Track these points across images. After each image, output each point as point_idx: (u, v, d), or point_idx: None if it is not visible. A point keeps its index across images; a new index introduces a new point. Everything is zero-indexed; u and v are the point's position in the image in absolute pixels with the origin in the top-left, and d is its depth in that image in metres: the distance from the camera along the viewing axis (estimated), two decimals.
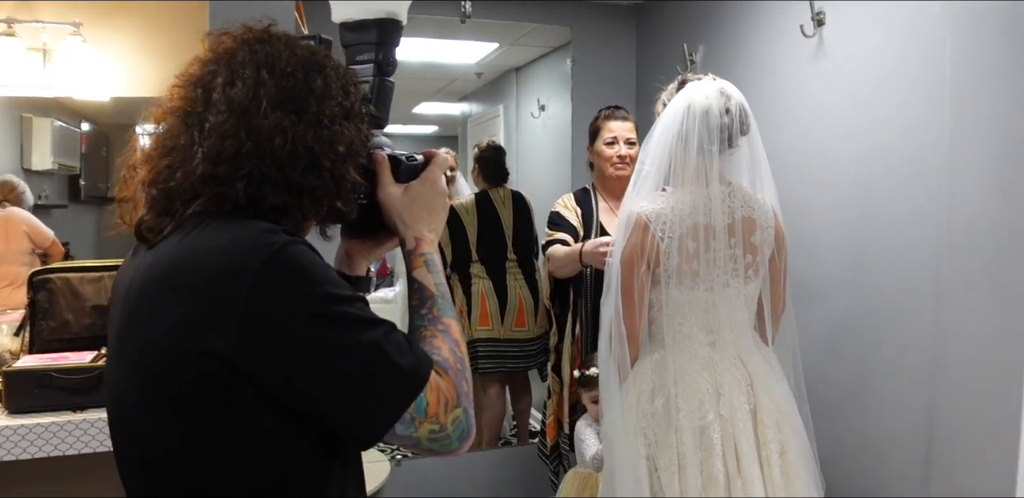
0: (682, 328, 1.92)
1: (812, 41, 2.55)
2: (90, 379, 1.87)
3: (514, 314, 3.44)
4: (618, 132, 2.69)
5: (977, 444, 2.00)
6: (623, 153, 2.66)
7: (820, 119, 2.55)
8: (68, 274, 2.10)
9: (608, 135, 2.70)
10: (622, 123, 2.71)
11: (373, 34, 1.09)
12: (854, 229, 2.41)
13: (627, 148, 2.67)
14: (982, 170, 1.98)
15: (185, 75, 0.96)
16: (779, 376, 1.98)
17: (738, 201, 1.93)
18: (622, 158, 2.66)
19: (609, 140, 2.69)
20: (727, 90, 1.91)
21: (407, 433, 0.88)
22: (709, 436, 1.85)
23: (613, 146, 2.68)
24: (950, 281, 2.07)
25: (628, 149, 2.67)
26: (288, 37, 0.97)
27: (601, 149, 2.71)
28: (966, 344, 2.02)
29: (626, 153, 2.66)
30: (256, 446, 0.88)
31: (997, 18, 1.93)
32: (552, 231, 2.72)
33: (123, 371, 0.92)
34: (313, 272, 0.86)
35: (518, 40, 3.86)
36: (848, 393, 2.43)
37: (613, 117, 2.73)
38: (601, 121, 2.75)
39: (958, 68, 2.04)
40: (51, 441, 1.77)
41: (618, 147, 2.68)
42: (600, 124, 2.74)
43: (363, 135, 0.99)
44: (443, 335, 0.99)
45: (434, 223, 1.09)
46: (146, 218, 0.94)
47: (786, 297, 2.05)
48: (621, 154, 2.67)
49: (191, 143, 0.91)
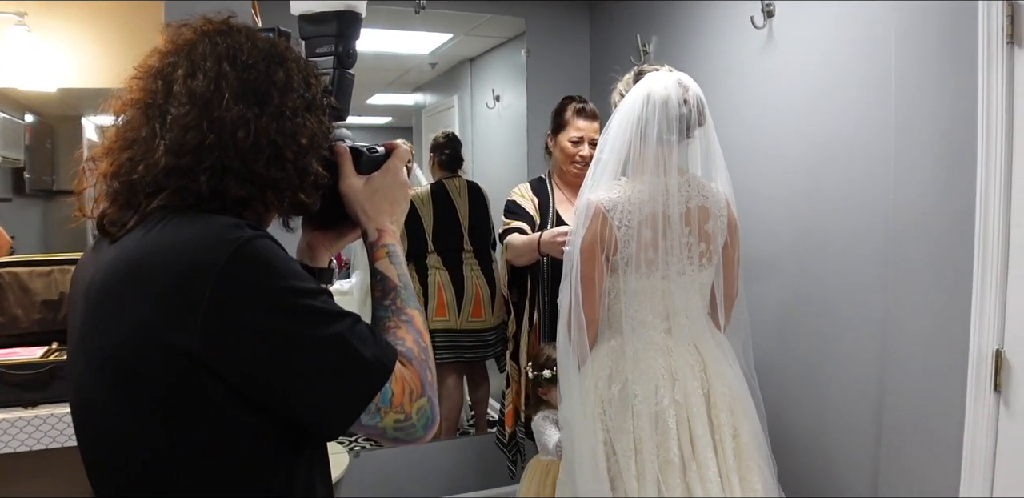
0: (638, 315, 1.95)
1: (762, 32, 2.59)
2: (41, 375, 1.84)
3: (471, 305, 3.44)
4: (585, 132, 2.69)
5: (924, 425, 2.06)
6: (586, 153, 2.66)
7: (770, 110, 2.60)
8: (17, 269, 2.06)
9: (575, 134, 2.69)
10: (590, 123, 2.70)
11: (333, 26, 1.09)
12: (803, 217, 2.47)
13: (590, 148, 2.66)
14: (925, 160, 2.04)
15: (144, 67, 0.95)
16: (731, 361, 2.02)
17: (693, 190, 1.96)
18: (583, 158, 2.67)
19: (575, 139, 2.69)
20: (684, 81, 1.94)
21: (372, 423, 0.89)
22: (665, 420, 1.89)
23: (578, 145, 2.69)
24: (896, 268, 2.13)
25: (591, 149, 2.65)
26: (248, 29, 0.97)
27: (565, 145, 2.71)
28: (913, 328, 2.09)
29: (588, 153, 2.65)
30: (224, 440, 0.88)
31: (940, 12, 1.98)
32: (509, 220, 2.73)
33: (87, 367, 0.91)
34: (277, 266, 0.86)
35: (472, 31, 3.85)
36: (798, 378, 2.49)
37: (583, 115, 2.71)
38: (571, 116, 2.72)
39: (903, 60, 2.10)
40: (1, 438, 1.74)
41: (582, 147, 2.68)
42: (568, 119, 2.72)
43: (325, 127, 0.99)
44: (407, 325, 1.00)
45: (396, 214, 1.10)
46: (108, 211, 0.93)
47: (738, 285, 2.09)
48: (583, 154, 2.67)
49: (153, 135, 0.90)
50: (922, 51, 2.04)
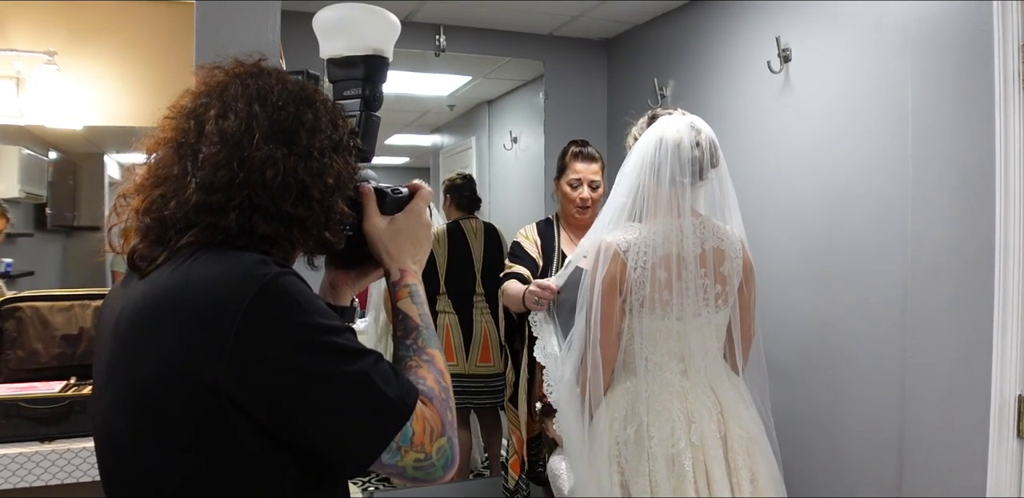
0: (654, 356, 1.95)
1: (779, 77, 2.63)
2: (59, 409, 1.84)
3: (479, 349, 3.41)
4: (583, 174, 2.68)
5: (946, 472, 2.03)
6: (585, 196, 2.67)
7: (787, 153, 2.62)
8: (38, 303, 2.08)
9: (573, 176, 2.69)
10: (587, 165, 2.69)
11: (360, 70, 1.11)
12: (820, 261, 2.46)
13: (590, 191, 2.67)
14: (943, 202, 2.04)
15: (177, 107, 0.97)
16: (748, 403, 2.00)
17: (708, 232, 1.97)
18: (583, 201, 2.67)
19: (574, 183, 2.69)
20: (697, 124, 1.96)
21: (393, 462, 0.89)
22: (681, 463, 1.87)
23: (577, 189, 2.68)
24: (916, 311, 2.12)
25: (591, 192, 2.67)
26: (279, 71, 1.00)
27: (565, 190, 2.71)
28: (932, 372, 2.07)
29: (588, 196, 2.67)
30: (247, 475, 0.88)
31: (957, 54, 2.00)
32: (511, 263, 2.73)
33: (114, 400, 0.92)
34: (303, 303, 0.87)
35: (491, 73, 3.92)
36: (816, 422, 2.46)
37: (580, 157, 2.71)
38: (569, 159, 2.73)
39: (919, 102, 2.11)
40: (18, 472, 1.74)
41: (582, 190, 2.68)
42: (567, 162, 2.73)
43: (351, 168, 1.01)
44: (428, 365, 1.01)
45: (418, 255, 1.12)
46: (139, 247, 0.95)
47: (754, 326, 2.08)
48: (583, 196, 2.67)
49: (184, 173, 0.92)
50: (938, 93, 2.05)
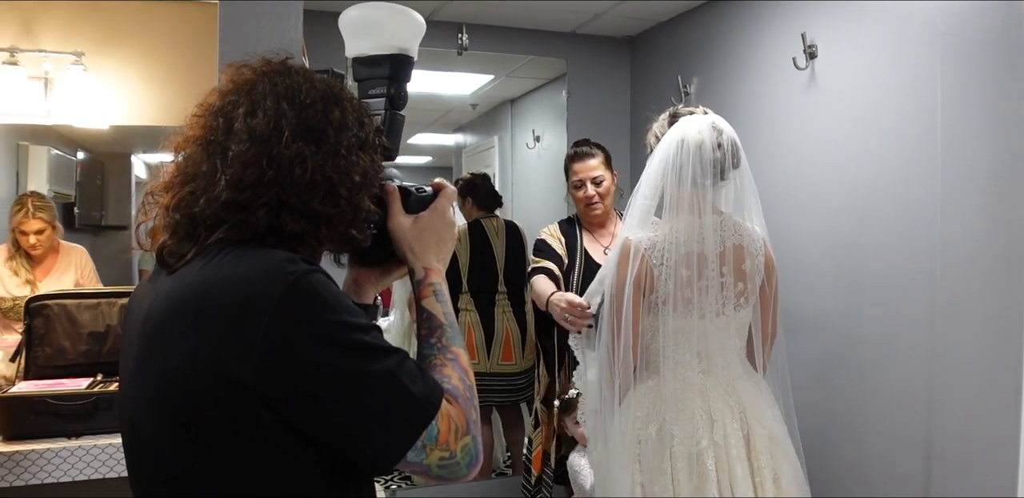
0: (675, 355, 1.94)
1: (804, 73, 2.61)
2: (86, 405, 1.87)
3: (500, 347, 3.41)
4: (583, 174, 2.74)
5: (975, 473, 2.01)
6: (590, 193, 2.73)
7: (813, 149, 2.60)
8: (65, 301, 2.10)
9: (575, 178, 2.76)
10: (584, 163, 2.75)
11: (386, 69, 1.11)
12: (847, 258, 2.45)
13: (594, 188, 2.73)
14: (972, 200, 2.02)
15: (205, 105, 0.98)
16: (770, 403, 1.99)
17: (729, 230, 1.96)
18: (589, 199, 2.73)
19: (577, 184, 2.76)
20: (719, 124, 1.95)
21: (418, 460, 0.90)
22: (703, 462, 1.86)
23: (581, 189, 2.75)
24: (944, 308, 2.10)
25: (595, 188, 2.73)
26: (306, 70, 1.00)
27: (573, 192, 2.79)
28: (961, 371, 2.05)
29: (593, 193, 2.73)
30: (273, 472, 0.88)
31: (985, 50, 1.99)
32: (537, 259, 2.76)
33: (142, 395, 0.92)
34: (331, 301, 0.88)
35: (513, 72, 3.92)
36: (842, 421, 2.45)
37: (577, 158, 2.78)
38: (568, 163, 2.81)
39: (948, 98, 2.09)
40: (45, 468, 1.76)
41: (585, 189, 2.74)
42: (568, 166, 2.81)
43: (377, 165, 1.02)
44: (452, 364, 1.01)
45: (442, 253, 1.12)
46: (168, 243, 0.95)
47: (776, 325, 2.07)
48: (589, 194, 2.73)
49: (214, 170, 0.92)
50: (967, 89, 2.03)
